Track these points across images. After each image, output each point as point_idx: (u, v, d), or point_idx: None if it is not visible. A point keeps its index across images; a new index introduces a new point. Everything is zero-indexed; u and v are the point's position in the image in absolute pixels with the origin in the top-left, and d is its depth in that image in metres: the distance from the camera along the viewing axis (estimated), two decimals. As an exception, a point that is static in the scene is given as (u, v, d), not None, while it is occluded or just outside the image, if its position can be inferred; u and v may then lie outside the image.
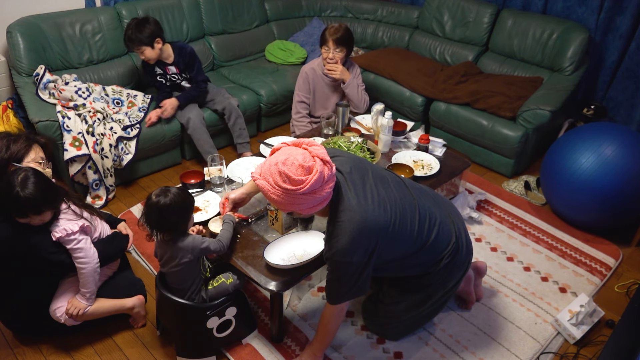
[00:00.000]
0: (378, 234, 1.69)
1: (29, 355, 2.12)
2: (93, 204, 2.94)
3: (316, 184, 1.56)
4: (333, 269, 1.75)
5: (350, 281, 1.73)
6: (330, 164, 1.62)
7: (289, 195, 1.57)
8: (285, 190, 1.57)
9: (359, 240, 1.66)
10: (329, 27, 3.00)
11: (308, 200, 1.59)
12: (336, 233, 1.67)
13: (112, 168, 2.96)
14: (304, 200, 1.59)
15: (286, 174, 1.55)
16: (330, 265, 1.76)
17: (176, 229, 1.85)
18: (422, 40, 4.16)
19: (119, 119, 3.02)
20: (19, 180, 1.75)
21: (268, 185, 1.60)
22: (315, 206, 1.63)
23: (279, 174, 1.57)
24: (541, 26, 3.55)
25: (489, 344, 2.21)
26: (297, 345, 2.17)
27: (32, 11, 3.21)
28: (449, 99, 3.45)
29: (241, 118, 3.34)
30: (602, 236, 2.86)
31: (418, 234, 1.82)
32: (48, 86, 2.95)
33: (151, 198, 1.80)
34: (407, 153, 2.71)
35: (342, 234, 1.65)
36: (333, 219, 1.70)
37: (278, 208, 1.79)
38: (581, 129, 2.84)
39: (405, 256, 1.85)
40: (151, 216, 1.80)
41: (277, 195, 1.59)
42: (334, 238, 1.67)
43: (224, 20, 3.95)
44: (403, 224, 1.76)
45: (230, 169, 2.44)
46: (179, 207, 1.81)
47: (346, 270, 1.71)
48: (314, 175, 1.55)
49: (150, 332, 2.23)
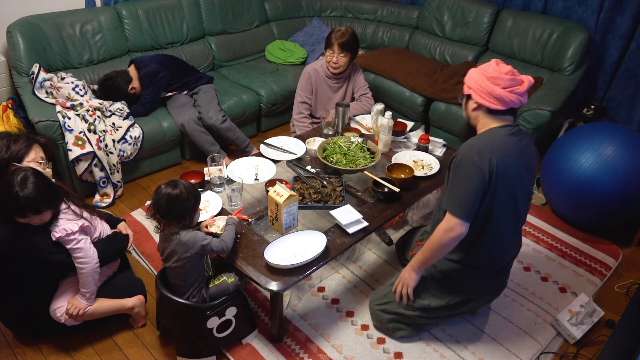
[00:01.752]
0: (497, 165, 1.77)
1: (29, 355, 2.12)
2: (101, 202, 2.95)
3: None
4: (457, 170, 1.82)
5: (470, 188, 1.78)
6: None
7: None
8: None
9: (483, 152, 1.77)
10: (335, 30, 2.99)
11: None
12: (466, 142, 1.84)
13: (118, 164, 2.97)
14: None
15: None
16: (454, 170, 1.84)
17: (184, 220, 1.88)
18: (422, 40, 4.16)
19: (118, 107, 3.03)
20: (18, 180, 1.75)
21: None
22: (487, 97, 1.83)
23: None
24: (541, 26, 3.55)
25: (489, 344, 2.21)
26: (297, 345, 2.17)
27: (32, 11, 3.22)
28: (449, 99, 3.45)
29: (231, 131, 3.29)
30: (602, 236, 2.86)
31: (515, 215, 1.92)
32: (44, 85, 2.95)
33: (161, 188, 1.85)
34: (407, 153, 2.71)
35: (475, 139, 1.84)
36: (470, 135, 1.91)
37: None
38: (581, 129, 2.84)
39: (496, 230, 1.90)
40: (160, 204, 1.84)
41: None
42: (469, 141, 1.84)
43: (224, 20, 3.96)
44: (516, 194, 1.86)
45: (230, 169, 2.44)
46: (187, 199, 1.85)
47: (468, 170, 1.78)
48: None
49: (150, 332, 2.23)
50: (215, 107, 3.27)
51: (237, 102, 3.50)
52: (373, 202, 2.36)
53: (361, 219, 2.18)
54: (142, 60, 3.22)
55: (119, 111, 3.03)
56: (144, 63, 3.18)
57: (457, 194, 1.82)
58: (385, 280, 2.51)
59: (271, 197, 2.08)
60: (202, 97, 3.32)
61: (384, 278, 2.52)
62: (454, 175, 1.84)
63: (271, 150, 2.64)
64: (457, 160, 1.82)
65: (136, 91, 3.18)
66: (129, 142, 2.97)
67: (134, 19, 3.49)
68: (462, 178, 1.80)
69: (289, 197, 2.05)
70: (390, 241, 2.75)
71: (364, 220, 2.18)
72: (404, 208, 2.37)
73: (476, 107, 1.89)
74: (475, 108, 1.90)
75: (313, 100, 3.20)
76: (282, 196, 2.05)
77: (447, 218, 1.85)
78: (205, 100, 3.30)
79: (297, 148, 2.66)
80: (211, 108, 3.25)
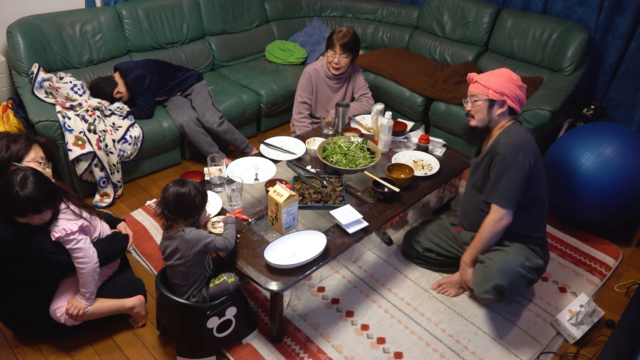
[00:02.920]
0: (534, 160, 2.08)
1: (29, 355, 2.12)
2: (101, 202, 2.95)
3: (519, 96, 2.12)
4: (504, 169, 2.06)
5: (517, 181, 2.06)
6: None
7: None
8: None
9: (522, 149, 2.05)
10: (336, 31, 2.99)
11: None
12: (503, 141, 2.09)
13: (118, 164, 2.97)
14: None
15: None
16: (500, 166, 2.07)
17: (191, 217, 1.90)
18: (422, 40, 4.16)
19: (118, 106, 3.03)
20: (18, 180, 1.75)
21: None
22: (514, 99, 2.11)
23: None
24: (541, 26, 3.55)
25: (489, 344, 2.21)
26: (297, 345, 2.17)
27: (32, 11, 3.22)
28: (449, 99, 3.45)
29: (229, 132, 3.29)
30: (602, 236, 2.86)
31: (546, 191, 2.25)
32: (44, 85, 2.95)
33: (169, 186, 1.89)
34: (407, 153, 2.71)
35: (510, 138, 2.08)
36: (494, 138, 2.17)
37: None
38: (581, 129, 2.84)
39: (541, 205, 2.23)
40: (169, 200, 1.86)
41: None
42: (504, 139, 2.09)
43: (224, 20, 3.96)
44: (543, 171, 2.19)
45: (230, 169, 2.44)
46: (195, 197, 1.88)
47: (513, 168, 2.05)
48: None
49: (150, 332, 2.23)
50: (210, 109, 3.25)
51: (237, 102, 3.50)
52: (373, 202, 2.36)
53: (361, 219, 2.18)
54: (127, 67, 3.17)
55: (119, 110, 3.03)
56: (128, 70, 3.14)
57: (505, 188, 2.09)
58: (386, 280, 2.51)
59: (271, 197, 2.08)
60: (197, 99, 3.30)
61: (384, 278, 2.52)
62: (500, 173, 2.08)
63: (271, 150, 2.64)
64: (502, 159, 2.06)
65: (122, 96, 3.15)
66: (129, 142, 2.97)
67: (134, 19, 3.49)
68: (510, 174, 2.06)
69: (289, 197, 2.05)
70: (390, 241, 2.75)
71: (364, 220, 2.18)
72: (404, 208, 2.37)
73: (503, 111, 2.13)
74: (502, 112, 2.14)
75: (313, 101, 3.20)
76: (282, 196, 2.05)
77: (495, 210, 2.13)
78: (199, 102, 3.28)
79: (297, 148, 2.66)
80: (207, 110, 3.23)
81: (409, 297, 2.42)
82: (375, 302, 2.39)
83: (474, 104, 2.17)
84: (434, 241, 2.49)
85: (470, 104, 2.19)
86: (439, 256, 2.49)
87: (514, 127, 2.15)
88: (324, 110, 3.23)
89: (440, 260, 2.50)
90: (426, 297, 2.41)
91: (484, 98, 2.13)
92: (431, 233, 2.52)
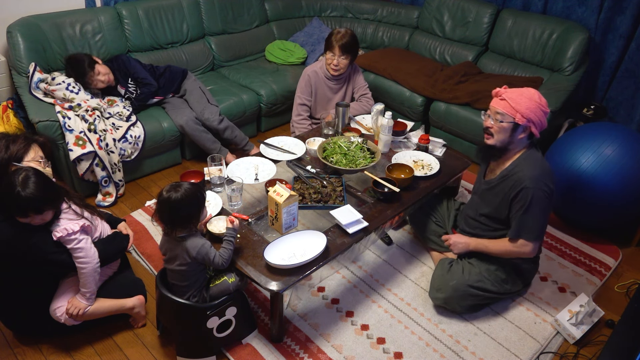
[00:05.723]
0: (552, 174, 2.09)
1: (29, 355, 2.12)
2: (104, 201, 2.95)
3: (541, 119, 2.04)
4: (534, 204, 2.04)
5: (547, 214, 2.10)
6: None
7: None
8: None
9: (545, 180, 2.04)
10: (335, 32, 2.98)
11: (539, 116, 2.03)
12: (528, 173, 2.04)
13: (119, 163, 2.97)
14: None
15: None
16: (531, 202, 2.03)
17: (189, 224, 1.87)
18: (422, 40, 4.16)
19: (118, 112, 3.03)
20: (19, 180, 1.75)
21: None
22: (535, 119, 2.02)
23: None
24: (541, 26, 3.55)
25: (489, 344, 2.21)
26: (297, 345, 2.17)
27: (32, 11, 3.22)
28: (449, 99, 3.45)
29: (229, 130, 3.30)
30: (602, 236, 2.86)
31: None
32: (40, 86, 2.95)
33: (162, 194, 1.81)
34: (407, 153, 2.71)
35: (534, 170, 2.04)
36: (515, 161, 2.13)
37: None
38: (581, 129, 2.84)
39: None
40: (163, 212, 1.82)
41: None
42: (529, 172, 2.04)
43: (224, 20, 3.96)
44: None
45: (230, 169, 2.44)
46: (191, 202, 1.83)
47: (542, 202, 2.04)
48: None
49: (150, 332, 2.23)
50: (208, 107, 3.25)
51: (237, 102, 3.50)
52: (373, 202, 2.36)
53: (361, 219, 2.18)
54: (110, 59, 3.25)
55: (118, 115, 3.02)
56: (113, 57, 3.23)
57: (536, 224, 2.09)
58: (386, 280, 2.51)
59: (271, 197, 2.08)
60: (192, 99, 3.30)
61: (384, 278, 2.53)
62: (530, 207, 2.05)
63: (271, 150, 2.64)
64: (531, 195, 2.03)
65: (102, 76, 3.07)
66: (130, 142, 2.97)
67: (134, 19, 3.49)
68: (539, 210, 2.06)
69: (289, 197, 2.05)
70: (390, 241, 2.75)
71: (364, 220, 2.18)
72: (404, 208, 2.37)
73: (525, 136, 2.07)
74: (524, 137, 2.07)
75: (313, 102, 3.20)
76: (282, 196, 2.05)
77: (524, 244, 2.13)
78: (195, 101, 3.28)
79: (297, 148, 2.66)
80: (205, 109, 3.23)
81: (409, 297, 2.42)
82: (375, 302, 2.39)
83: (498, 123, 2.05)
84: (441, 219, 2.62)
85: (493, 121, 2.08)
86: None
87: (533, 154, 2.11)
88: (323, 111, 3.23)
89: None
90: (426, 297, 2.41)
91: (509, 120, 2.02)
92: (437, 213, 2.64)
